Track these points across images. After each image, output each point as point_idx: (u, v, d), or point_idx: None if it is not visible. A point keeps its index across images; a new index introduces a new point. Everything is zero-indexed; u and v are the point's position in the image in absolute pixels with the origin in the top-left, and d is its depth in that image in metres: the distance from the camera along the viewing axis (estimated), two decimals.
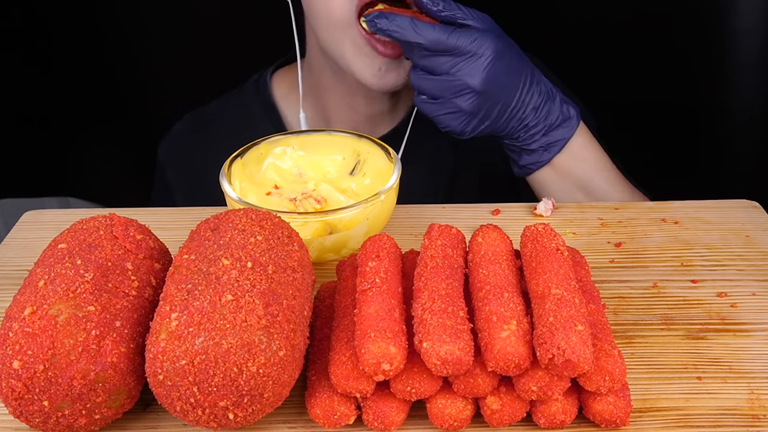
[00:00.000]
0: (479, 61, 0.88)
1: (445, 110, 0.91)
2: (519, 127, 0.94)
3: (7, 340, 0.54)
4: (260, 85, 1.18)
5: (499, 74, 0.90)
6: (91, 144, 1.54)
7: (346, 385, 0.57)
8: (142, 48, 1.47)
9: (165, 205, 0.95)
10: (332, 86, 1.09)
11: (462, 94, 0.90)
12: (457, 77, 0.89)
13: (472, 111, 0.91)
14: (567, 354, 0.54)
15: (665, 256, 0.80)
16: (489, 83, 0.89)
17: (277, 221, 0.64)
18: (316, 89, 1.12)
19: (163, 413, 0.61)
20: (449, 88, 0.90)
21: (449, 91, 0.90)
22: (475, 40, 0.88)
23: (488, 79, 0.89)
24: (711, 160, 1.21)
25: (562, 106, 0.96)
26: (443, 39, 0.87)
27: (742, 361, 0.66)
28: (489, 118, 0.92)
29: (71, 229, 0.64)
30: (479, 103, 0.90)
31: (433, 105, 0.92)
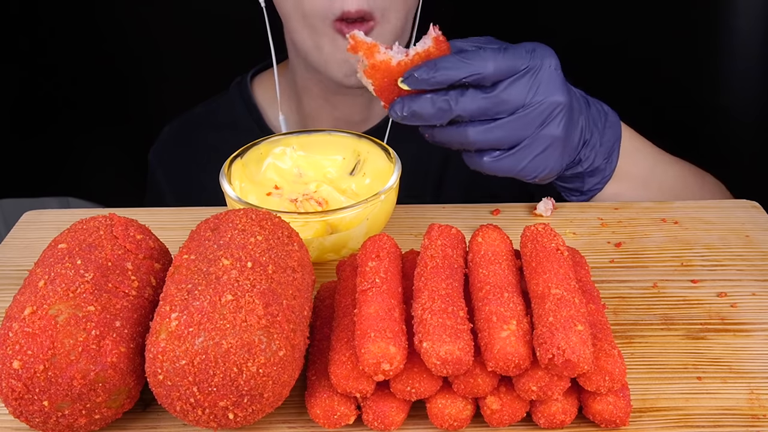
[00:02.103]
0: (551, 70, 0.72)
1: (534, 152, 0.73)
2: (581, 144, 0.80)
3: (7, 340, 0.54)
4: (242, 87, 1.19)
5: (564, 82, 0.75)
6: (91, 144, 1.54)
7: (346, 385, 0.57)
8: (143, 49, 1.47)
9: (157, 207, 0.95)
10: (310, 87, 1.10)
11: (551, 120, 0.72)
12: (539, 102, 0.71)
13: (565, 134, 0.74)
14: (567, 354, 0.54)
15: (665, 256, 0.80)
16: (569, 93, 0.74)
17: (277, 221, 0.64)
18: (296, 90, 1.13)
19: (163, 413, 0.61)
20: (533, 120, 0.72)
21: (534, 124, 0.72)
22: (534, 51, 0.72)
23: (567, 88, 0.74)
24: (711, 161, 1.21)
25: (596, 105, 0.83)
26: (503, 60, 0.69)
27: (742, 361, 0.66)
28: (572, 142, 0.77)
29: (71, 229, 0.64)
30: (567, 122, 0.73)
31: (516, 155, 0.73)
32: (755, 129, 1.14)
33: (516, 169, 0.74)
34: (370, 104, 1.13)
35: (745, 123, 1.14)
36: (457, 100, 0.70)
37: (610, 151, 0.83)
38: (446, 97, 0.71)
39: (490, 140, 0.72)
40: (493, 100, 0.70)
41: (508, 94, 0.70)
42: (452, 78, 0.70)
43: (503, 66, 0.69)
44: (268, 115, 1.18)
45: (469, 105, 0.70)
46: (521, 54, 0.71)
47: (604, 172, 0.84)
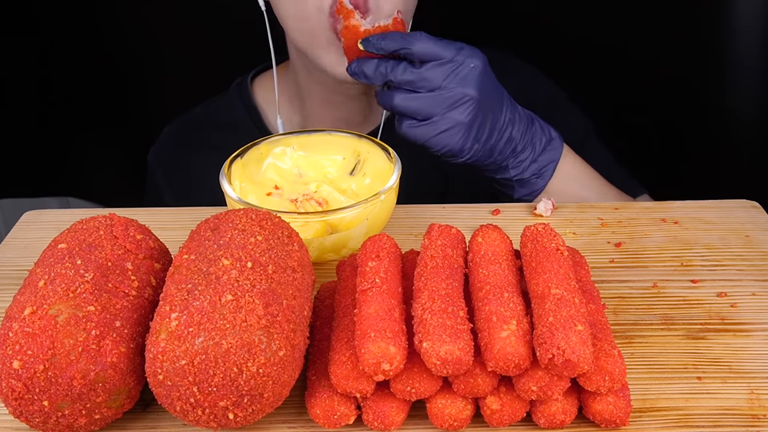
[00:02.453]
0: (472, 68, 0.86)
1: (440, 129, 0.87)
2: (508, 151, 0.91)
3: (7, 340, 0.54)
4: (242, 88, 1.19)
5: (488, 85, 0.88)
6: (92, 144, 1.54)
7: (346, 385, 0.57)
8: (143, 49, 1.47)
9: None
10: (312, 87, 1.10)
11: (458, 105, 0.86)
12: (451, 87, 0.85)
13: (469, 123, 0.87)
14: (567, 354, 0.54)
15: (665, 256, 0.80)
16: (483, 92, 0.86)
17: (277, 221, 0.64)
18: (297, 91, 1.13)
19: (163, 413, 0.61)
20: (443, 101, 0.86)
21: (443, 105, 0.86)
22: (462, 49, 0.86)
23: (482, 88, 0.86)
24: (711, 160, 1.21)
25: (543, 128, 0.94)
26: (432, 46, 0.84)
27: (742, 361, 0.66)
28: (483, 133, 0.89)
29: (71, 229, 0.64)
30: (476, 113, 0.87)
31: (425, 127, 0.87)
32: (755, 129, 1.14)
33: (424, 138, 0.87)
34: (371, 106, 1.13)
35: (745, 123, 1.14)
36: (393, 68, 0.86)
37: (542, 169, 0.94)
38: (386, 64, 0.87)
39: (408, 108, 0.86)
40: (417, 75, 0.85)
41: (429, 74, 0.85)
42: (392, 47, 0.86)
43: (430, 50, 0.84)
44: (268, 117, 1.18)
45: (399, 74, 0.86)
46: (450, 48, 0.85)
47: (533, 186, 0.94)
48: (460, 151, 0.89)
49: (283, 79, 1.14)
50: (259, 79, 1.20)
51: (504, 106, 0.90)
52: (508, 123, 0.90)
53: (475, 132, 0.88)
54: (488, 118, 0.89)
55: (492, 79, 0.89)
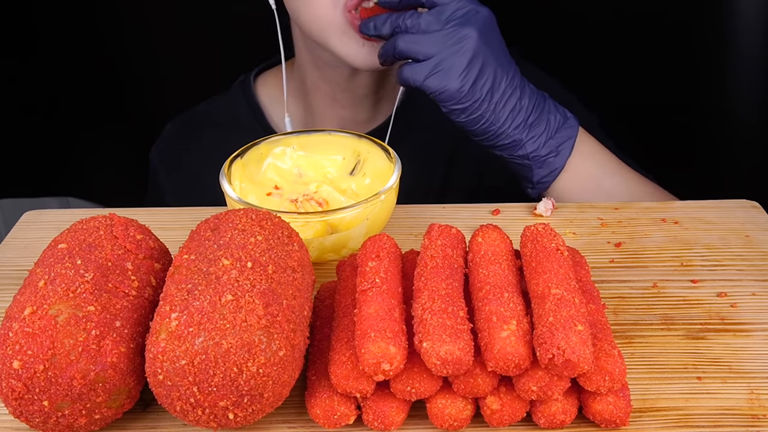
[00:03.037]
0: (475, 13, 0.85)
1: (437, 67, 0.85)
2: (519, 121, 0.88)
3: (7, 340, 0.54)
4: (245, 86, 1.19)
5: (493, 37, 0.87)
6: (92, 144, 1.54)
7: (346, 385, 0.57)
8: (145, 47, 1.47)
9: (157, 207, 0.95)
10: (319, 86, 1.10)
11: (457, 43, 0.84)
12: (452, 26, 0.85)
13: (468, 62, 0.85)
14: (567, 354, 0.54)
15: (665, 256, 0.80)
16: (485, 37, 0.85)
17: (277, 221, 0.64)
18: (303, 89, 1.13)
19: (163, 413, 0.61)
20: (443, 39, 0.85)
21: (443, 43, 0.85)
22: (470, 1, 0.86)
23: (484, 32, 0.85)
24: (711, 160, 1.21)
25: (557, 107, 0.92)
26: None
27: (742, 361, 0.66)
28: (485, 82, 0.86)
29: (71, 229, 0.64)
30: (475, 54, 0.85)
31: (423, 65, 0.86)
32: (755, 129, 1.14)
33: (422, 77, 0.86)
34: (377, 104, 1.13)
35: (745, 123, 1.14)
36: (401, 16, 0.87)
37: (559, 146, 0.91)
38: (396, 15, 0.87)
39: (410, 49, 0.86)
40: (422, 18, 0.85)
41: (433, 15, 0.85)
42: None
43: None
44: (271, 115, 1.17)
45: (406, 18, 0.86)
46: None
47: (552, 165, 0.91)
48: (458, 93, 0.86)
49: (288, 77, 1.14)
50: (262, 77, 1.20)
51: (512, 68, 0.88)
52: (516, 87, 0.88)
53: (476, 76, 0.86)
54: (491, 66, 0.86)
55: (498, 37, 0.88)
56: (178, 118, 1.25)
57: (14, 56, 1.44)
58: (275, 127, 1.16)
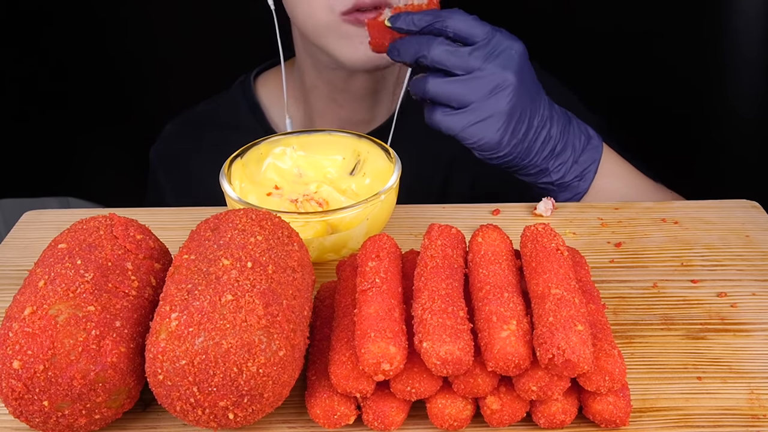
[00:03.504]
0: (511, 51, 0.79)
1: (477, 117, 0.79)
2: (547, 152, 0.85)
3: (7, 340, 0.54)
4: (245, 86, 1.19)
5: (528, 74, 0.81)
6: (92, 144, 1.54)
7: (346, 385, 0.57)
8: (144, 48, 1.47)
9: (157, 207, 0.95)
10: (318, 86, 1.10)
11: (498, 91, 0.78)
12: (491, 70, 0.78)
13: (509, 112, 0.79)
14: (567, 354, 0.54)
15: (665, 256, 0.80)
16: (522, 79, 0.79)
17: (277, 221, 0.64)
18: (302, 89, 1.13)
19: (163, 413, 0.61)
20: (483, 86, 0.78)
21: (483, 90, 0.78)
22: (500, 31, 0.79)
23: (522, 74, 0.79)
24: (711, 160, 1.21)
25: (581, 127, 0.88)
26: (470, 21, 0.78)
27: (742, 361, 0.66)
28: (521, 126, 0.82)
29: (71, 229, 0.64)
30: (516, 102, 0.79)
31: (461, 115, 0.79)
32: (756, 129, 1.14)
33: (459, 128, 0.80)
34: (375, 105, 1.13)
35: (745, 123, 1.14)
36: (428, 42, 0.79)
37: (584, 171, 0.89)
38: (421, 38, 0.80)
39: (443, 93, 0.80)
40: (453, 52, 0.78)
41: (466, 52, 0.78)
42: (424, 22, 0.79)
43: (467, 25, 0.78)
44: (272, 115, 1.17)
45: (434, 48, 0.79)
46: (487, 29, 0.79)
47: (576, 189, 0.89)
48: (497, 145, 0.82)
49: (288, 77, 1.14)
50: (262, 78, 1.20)
51: (542, 100, 0.84)
52: (546, 119, 0.84)
53: (514, 124, 0.81)
54: (527, 110, 0.82)
55: (530, 68, 0.83)
56: (177, 118, 1.25)
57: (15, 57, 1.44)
58: (275, 127, 1.16)
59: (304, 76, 1.12)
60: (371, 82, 1.08)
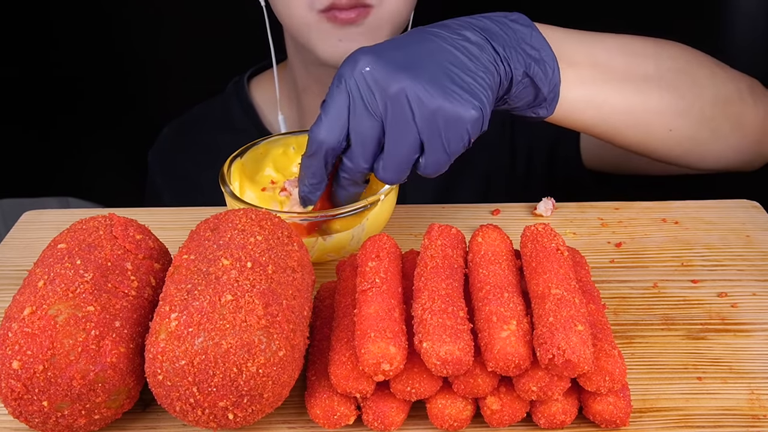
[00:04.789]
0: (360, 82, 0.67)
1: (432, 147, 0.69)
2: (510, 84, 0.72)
3: (7, 340, 0.54)
4: (239, 87, 1.19)
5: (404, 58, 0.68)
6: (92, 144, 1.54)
7: (346, 385, 0.57)
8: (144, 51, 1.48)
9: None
10: (310, 86, 1.10)
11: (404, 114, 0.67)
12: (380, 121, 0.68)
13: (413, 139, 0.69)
14: (567, 354, 0.54)
15: (665, 256, 0.80)
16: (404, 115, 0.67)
17: (277, 221, 0.64)
18: (296, 90, 1.13)
19: (163, 413, 0.61)
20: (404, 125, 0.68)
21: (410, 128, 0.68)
22: (336, 88, 0.69)
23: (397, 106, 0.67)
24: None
25: (495, 21, 0.73)
26: (311, 136, 0.70)
27: (742, 361, 0.66)
28: None
29: (71, 229, 0.64)
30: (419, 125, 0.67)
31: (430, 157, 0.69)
32: None
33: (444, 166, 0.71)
34: None
35: None
36: (341, 183, 0.74)
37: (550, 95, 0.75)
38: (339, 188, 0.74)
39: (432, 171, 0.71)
40: (355, 156, 0.70)
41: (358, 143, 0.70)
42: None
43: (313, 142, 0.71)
44: (266, 116, 1.18)
45: (360, 165, 0.71)
46: (325, 114, 0.70)
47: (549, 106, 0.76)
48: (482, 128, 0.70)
49: (281, 78, 1.14)
50: (256, 79, 1.21)
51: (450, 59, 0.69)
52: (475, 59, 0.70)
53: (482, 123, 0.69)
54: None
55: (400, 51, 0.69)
56: (174, 121, 1.25)
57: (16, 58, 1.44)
58: (269, 127, 1.17)
59: (296, 77, 1.12)
60: None
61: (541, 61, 0.74)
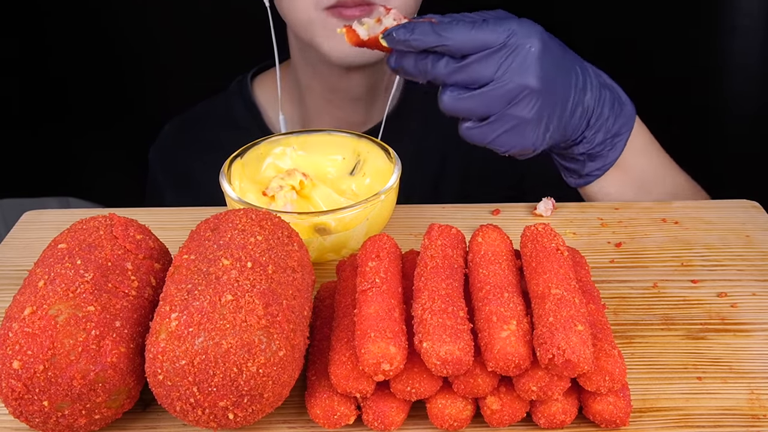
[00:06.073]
0: (528, 52, 0.73)
1: (501, 128, 0.75)
2: (583, 125, 0.81)
3: (7, 340, 0.54)
4: (242, 86, 1.19)
5: (551, 65, 0.75)
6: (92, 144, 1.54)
7: (346, 385, 0.57)
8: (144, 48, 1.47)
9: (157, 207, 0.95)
10: (313, 86, 1.10)
11: (519, 101, 0.74)
12: (506, 80, 0.73)
13: (535, 118, 0.75)
14: (567, 354, 0.54)
15: (665, 256, 0.80)
16: (546, 78, 0.74)
17: (277, 221, 0.64)
18: (299, 89, 1.13)
19: (163, 413, 0.61)
20: (500, 97, 0.74)
21: (501, 101, 0.74)
22: (512, 31, 0.73)
23: (544, 73, 0.74)
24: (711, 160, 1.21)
25: (615, 92, 0.83)
26: (474, 34, 0.72)
27: (742, 361, 0.66)
28: (552, 123, 0.77)
29: (71, 229, 0.64)
30: (542, 106, 0.75)
31: (485, 128, 0.75)
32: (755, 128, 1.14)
33: (485, 141, 0.77)
34: (371, 105, 1.13)
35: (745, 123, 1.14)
36: (434, 64, 0.74)
37: (616, 138, 0.83)
38: (426, 60, 0.75)
39: (460, 109, 0.75)
40: (464, 70, 0.73)
41: (477, 67, 0.73)
42: (424, 44, 0.73)
43: (472, 40, 0.72)
44: (269, 115, 1.18)
45: (442, 70, 0.74)
46: (497, 31, 0.73)
47: (605, 159, 0.85)
48: (533, 146, 0.78)
49: (284, 78, 1.14)
50: (259, 78, 1.21)
51: (574, 72, 0.78)
52: (581, 91, 0.79)
53: (546, 121, 0.77)
54: (558, 103, 0.77)
55: (554, 54, 0.76)
56: (176, 119, 1.25)
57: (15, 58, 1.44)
58: (272, 127, 1.17)
59: (299, 76, 1.12)
60: (367, 80, 1.08)
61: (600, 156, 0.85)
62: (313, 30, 0.96)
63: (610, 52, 1.26)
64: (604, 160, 0.85)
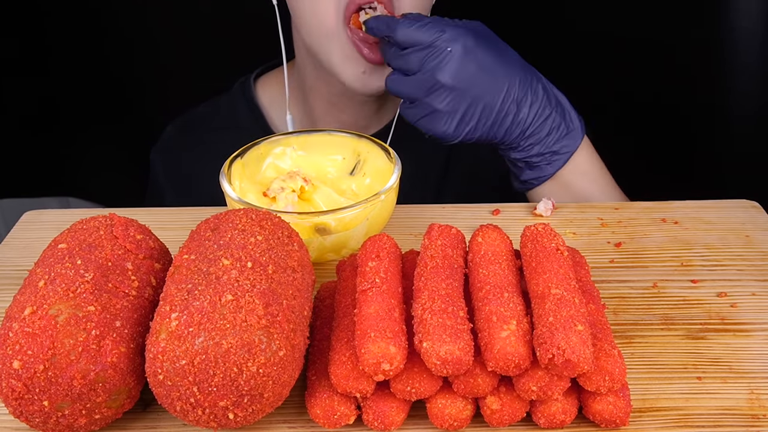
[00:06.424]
0: (445, 54, 0.85)
1: (423, 112, 0.88)
2: (517, 134, 0.90)
3: (7, 340, 0.54)
4: (246, 87, 1.19)
5: (471, 70, 0.86)
6: (92, 144, 1.54)
7: (346, 385, 0.57)
8: (144, 48, 1.47)
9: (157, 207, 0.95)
10: (318, 88, 1.10)
11: (434, 92, 0.86)
12: (426, 72, 0.85)
13: (448, 110, 0.87)
14: (567, 354, 0.54)
15: (665, 256, 0.80)
16: (459, 79, 0.85)
17: (277, 221, 0.64)
18: (303, 91, 1.13)
19: (163, 413, 0.61)
20: (421, 86, 0.86)
21: (422, 89, 0.87)
22: (442, 34, 0.85)
23: (457, 75, 0.85)
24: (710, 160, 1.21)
25: (566, 115, 0.92)
26: (411, 32, 0.86)
27: (742, 361, 0.66)
28: (473, 120, 0.88)
29: (71, 229, 0.64)
30: (454, 102, 0.86)
31: (413, 110, 0.89)
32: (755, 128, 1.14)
33: (413, 120, 0.90)
34: (377, 110, 1.12)
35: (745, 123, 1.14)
36: (387, 50, 0.90)
37: (555, 156, 0.92)
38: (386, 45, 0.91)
39: (396, 90, 0.89)
40: (402, 58, 0.87)
41: (409, 58, 0.86)
42: (381, 32, 0.89)
43: (409, 37, 0.86)
44: (272, 117, 1.17)
45: (390, 55, 0.89)
46: (428, 33, 0.85)
47: (542, 171, 0.93)
48: (444, 136, 0.89)
49: (288, 78, 1.14)
50: (262, 79, 1.20)
51: (505, 89, 0.88)
52: (510, 108, 0.88)
53: (460, 117, 0.87)
54: (476, 104, 0.87)
55: (482, 62, 0.86)
56: (178, 119, 1.25)
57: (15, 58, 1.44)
58: (275, 128, 1.17)
59: (304, 78, 1.11)
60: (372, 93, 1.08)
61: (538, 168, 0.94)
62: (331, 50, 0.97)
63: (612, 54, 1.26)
64: (541, 171, 0.93)
